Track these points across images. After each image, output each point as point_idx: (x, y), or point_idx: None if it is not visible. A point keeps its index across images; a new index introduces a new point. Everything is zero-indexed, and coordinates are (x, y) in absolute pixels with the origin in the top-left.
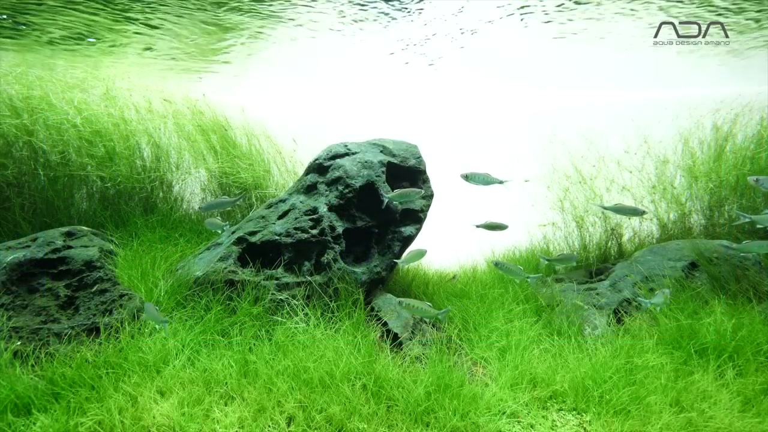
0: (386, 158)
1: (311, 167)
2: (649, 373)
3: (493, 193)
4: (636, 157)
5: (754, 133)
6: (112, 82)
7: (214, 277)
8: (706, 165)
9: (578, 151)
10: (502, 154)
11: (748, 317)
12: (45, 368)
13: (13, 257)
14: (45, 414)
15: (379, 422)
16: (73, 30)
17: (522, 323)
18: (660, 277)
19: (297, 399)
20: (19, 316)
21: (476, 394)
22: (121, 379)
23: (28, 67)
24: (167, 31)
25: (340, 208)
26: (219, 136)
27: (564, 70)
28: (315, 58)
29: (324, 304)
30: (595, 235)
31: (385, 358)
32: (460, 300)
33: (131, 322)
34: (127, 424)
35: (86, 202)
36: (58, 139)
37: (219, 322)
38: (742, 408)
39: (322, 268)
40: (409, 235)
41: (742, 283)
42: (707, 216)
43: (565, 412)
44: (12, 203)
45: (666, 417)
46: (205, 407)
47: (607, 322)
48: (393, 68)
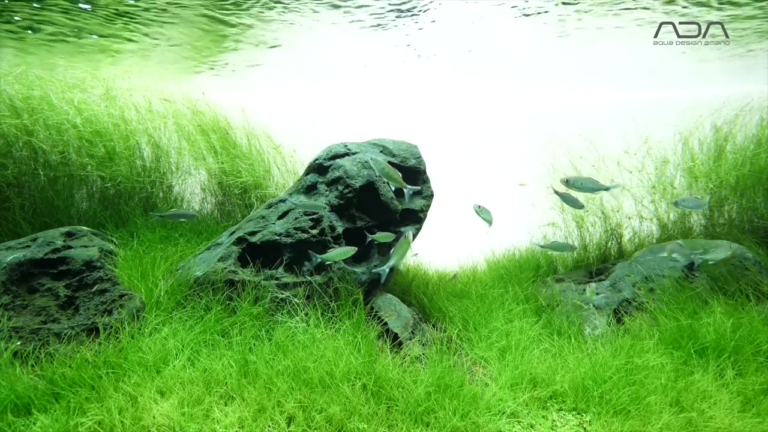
0: (386, 158)
1: (311, 167)
2: (649, 373)
3: (493, 194)
4: (636, 157)
5: (755, 133)
6: (112, 82)
7: (214, 277)
8: (706, 165)
9: (578, 151)
10: (502, 154)
11: (747, 317)
12: (45, 368)
13: (13, 257)
14: (45, 414)
15: (379, 422)
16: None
17: (522, 323)
18: (660, 277)
19: (297, 399)
20: (19, 316)
21: (476, 394)
22: (121, 379)
23: (28, 67)
24: (167, 31)
25: (340, 208)
26: (219, 136)
27: (564, 70)
28: (315, 57)
29: (324, 304)
30: (595, 235)
31: (385, 358)
32: (460, 300)
33: (131, 322)
34: (127, 424)
35: (86, 202)
36: (58, 139)
37: (219, 322)
38: (742, 408)
39: (322, 268)
40: None
41: (741, 283)
42: (707, 216)
43: (565, 412)
44: (12, 203)
45: (666, 417)
46: (205, 407)
47: (608, 322)
48: (393, 68)
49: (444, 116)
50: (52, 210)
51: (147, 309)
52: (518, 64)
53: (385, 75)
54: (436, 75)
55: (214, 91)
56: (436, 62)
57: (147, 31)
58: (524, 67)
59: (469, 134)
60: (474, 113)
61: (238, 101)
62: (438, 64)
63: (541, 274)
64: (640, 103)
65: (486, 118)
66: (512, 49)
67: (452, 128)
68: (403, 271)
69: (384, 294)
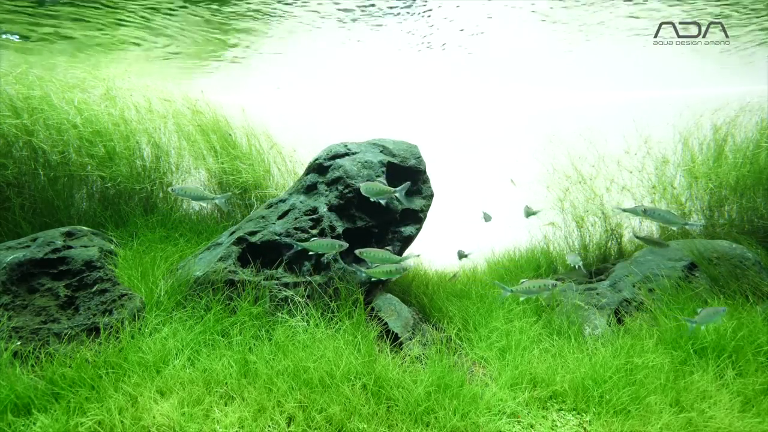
0: (386, 158)
1: (311, 167)
2: (649, 373)
3: (492, 194)
4: (636, 157)
5: (754, 133)
6: (112, 82)
7: (214, 277)
8: (705, 165)
9: (578, 151)
10: (502, 154)
11: (747, 317)
12: (45, 368)
13: (13, 257)
14: (45, 414)
15: (379, 422)
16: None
17: (522, 323)
18: (660, 278)
19: (297, 399)
20: (19, 316)
21: (476, 394)
22: (121, 379)
23: (29, 67)
24: (168, 31)
25: (340, 208)
26: (219, 136)
27: (564, 70)
28: (315, 57)
29: (324, 304)
30: (595, 235)
31: (385, 358)
32: (460, 300)
33: (131, 322)
34: (127, 424)
35: (86, 202)
36: (58, 139)
37: (219, 322)
38: (742, 408)
39: (322, 268)
40: (409, 235)
41: (741, 283)
42: (707, 216)
43: (565, 412)
44: (12, 203)
45: (666, 417)
46: (205, 407)
47: (608, 322)
48: (393, 68)
49: (444, 116)
50: (52, 210)
51: (147, 309)
52: (518, 64)
53: (386, 75)
54: (436, 75)
55: (214, 91)
56: (437, 62)
57: (148, 32)
58: (524, 67)
59: (470, 134)
60: (474, 113)
61: (238, 101)
62: (438, 65)
63: (541, 274)
64: (640, 103)
65: (486, 118)
66: (512, 49)
67: (452, 128)
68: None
69: (384, 294)
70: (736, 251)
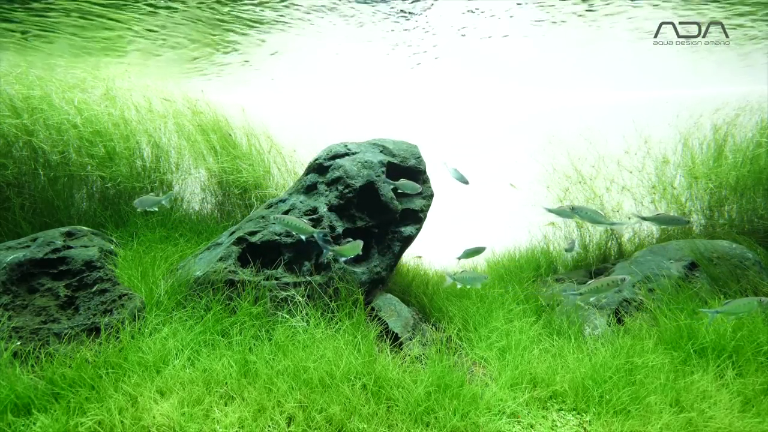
0: (386, 158)
1: (311, 167)
2: (648, 373)
3: (492, 194)
4: (636, 157)
5: (754, 133)
6: (112, 82)
7: (214, 277)
8: (705, 165)
9: (578, 152)
10: (503, 155)
11: (747, 317)
12: (45, 368)
13: (13, 257)
14: (45, 414)
15: (379, 422)
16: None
17: (522, 323)
18: (660, 278)
19: (297, 399)
20: (19, 316)
21: (476, 394)
22: (121, 379)
23: (29, 67)
24: (168, 30)
25: (340, 208)
26: (219, 135)
27: (564, 70)
28: (315, 58)
29: (324, 304)
30: (595, 235)
31: (385, 358)
32: (460, 300)
33: (131, 322)
34: (127, 424)
35: (86, 202)
36: (58, 139)
37: (219, 322)
38: (742, 408)
39: (322, 268)
40: (409, 235)
41: (741, 283)
42: (707, 216)
43: (565, 412)
44: (12, 203)
45: (666, 417)
46: (205, 407)
47: (608, 322)
48: (393, 68)
49: (444, 116)
50: (52, 210)
51: (147, 309)
52: (518, 64)
53: (385, 75)
54: (436, 75)
55: (214, 91)
56: (437, 63)
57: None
58: (524, 68)
59: (470, 134)
60: (474, 113)
61: (238, 101)
62: (438, 65)
63: (541, 274)
64: (640, 103)
65: (486, 118)
66: (511, 49)
67: (452, 128)
68: (403, 272)
69: (384, 294)
70: (736, 251)
